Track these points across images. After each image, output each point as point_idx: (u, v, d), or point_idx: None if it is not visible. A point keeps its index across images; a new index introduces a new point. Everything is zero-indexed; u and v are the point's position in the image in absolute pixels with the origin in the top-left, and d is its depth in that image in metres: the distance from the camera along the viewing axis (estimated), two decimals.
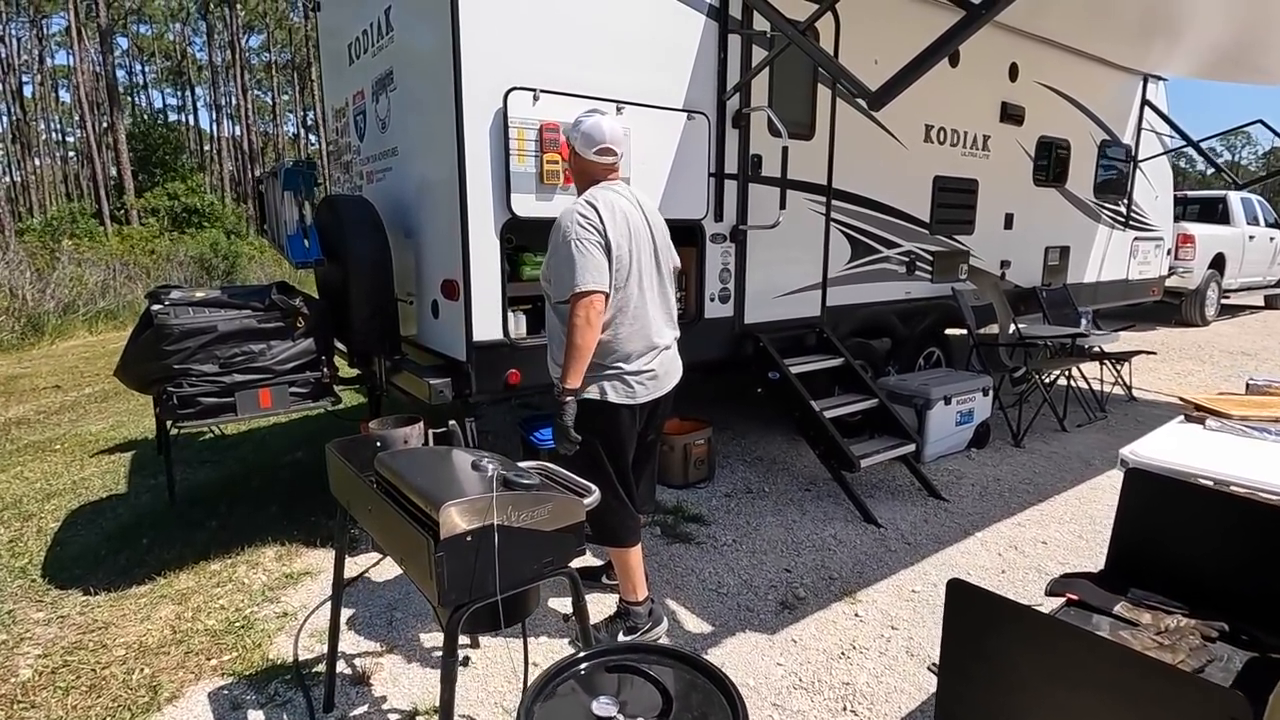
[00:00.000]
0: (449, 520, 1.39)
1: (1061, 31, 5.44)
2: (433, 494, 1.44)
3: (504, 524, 1.46)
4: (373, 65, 3.71)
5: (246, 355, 2.94)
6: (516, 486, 1.50)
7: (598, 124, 2.26)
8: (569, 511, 1.58)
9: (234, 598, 2.87)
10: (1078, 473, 4.15)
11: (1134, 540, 1.71)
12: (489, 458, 1.69)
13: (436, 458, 1.72)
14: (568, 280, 2.12)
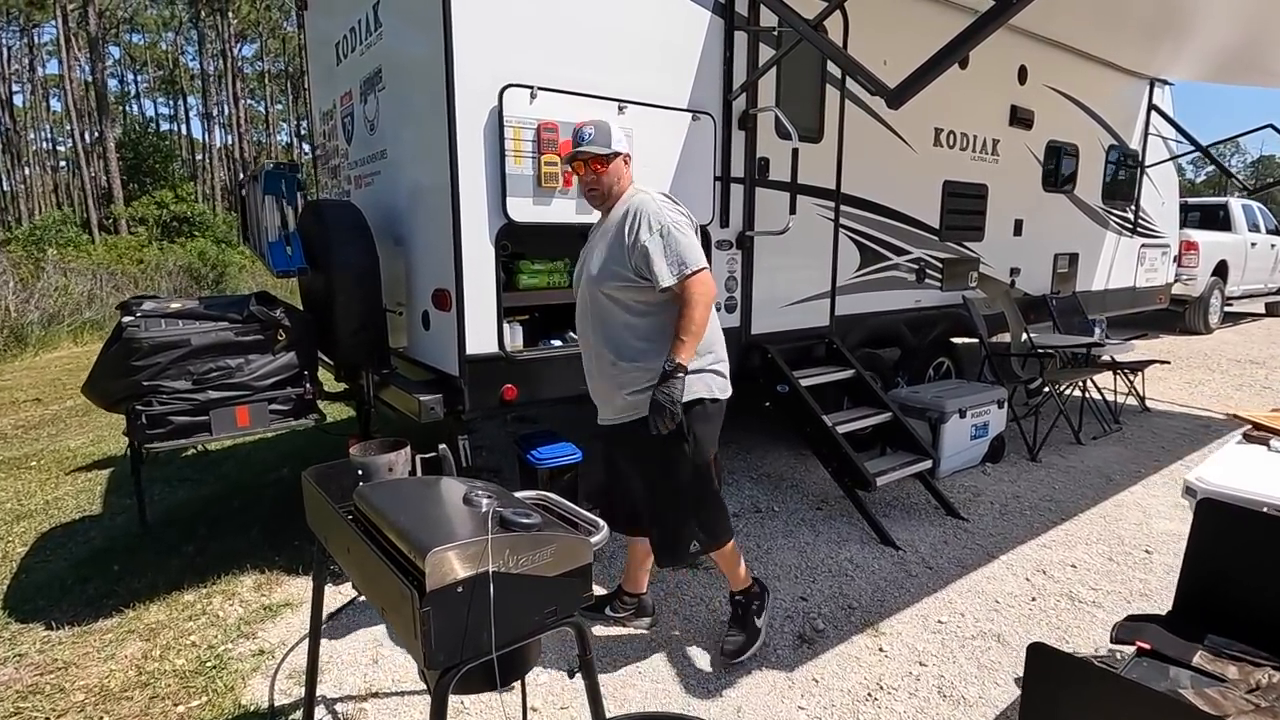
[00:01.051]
0: (437, 568, 1.19)
1: (1070, 34, 5.31)
2: (418, 536, 1.24)
3: (501, 570, 1.27)
4: (361, 64, 3.54)
5: (222, 371, 2.74)
6: (515, 526, 1.31)
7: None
8: (575, 553, 1.38)
9: (207, 633, 2.65)
10: (1099, 489, 3.98)
11: (1206, 578, 1.53)
12: (483, 489, 1.49)
13: (424, 490, 1.52)
14: (687, 259, 2.07)
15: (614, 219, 2.18)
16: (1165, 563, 3.09)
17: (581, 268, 2.28)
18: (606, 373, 2.22)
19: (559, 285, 3.17)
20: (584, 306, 2.26)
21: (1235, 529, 1.48)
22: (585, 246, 2.30)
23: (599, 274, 2.16)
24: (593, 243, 2.25)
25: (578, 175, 2.22)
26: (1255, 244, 10.39)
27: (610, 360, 2.19)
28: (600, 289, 2.17)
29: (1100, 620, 2.63)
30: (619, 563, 3.08)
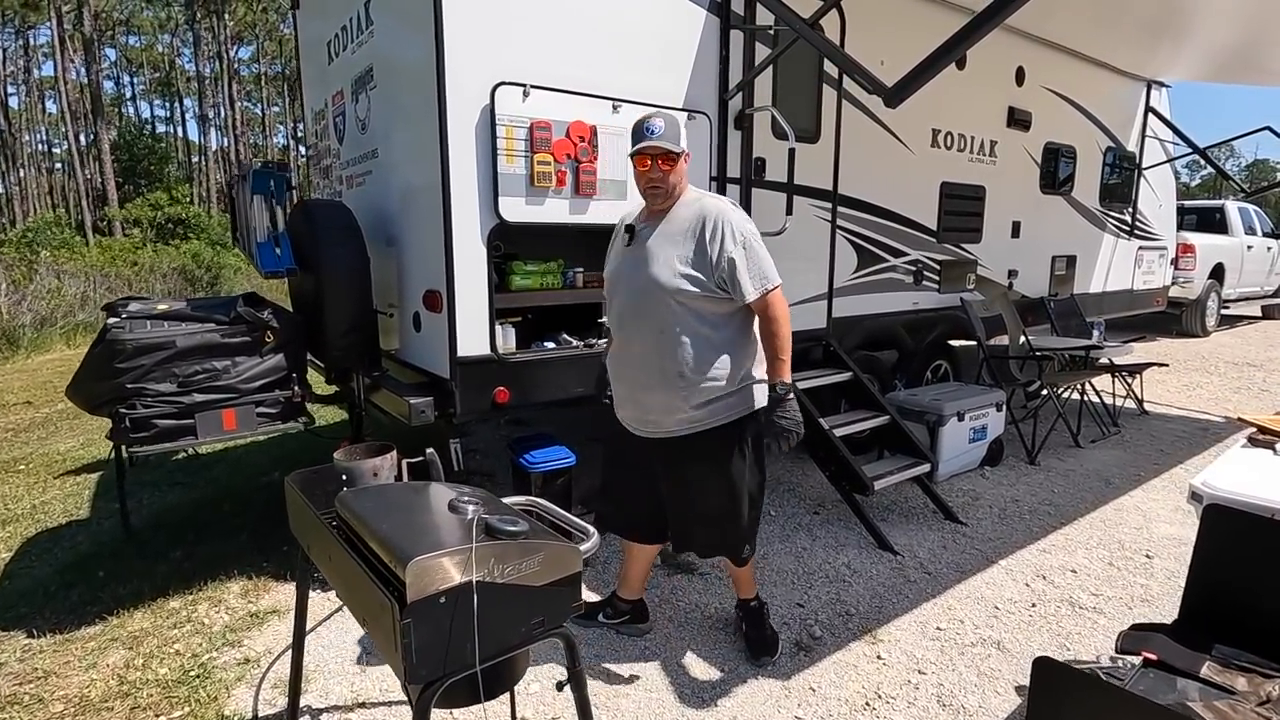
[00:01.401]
0: (419, 578, 1.15)
1: (1068, 35, 5.29)
2: (400, 545, 1.20)
3: (485, 580, 1.22)
4: (352, 63, 3.49)
5: (208, 373, 2.69)
6: (501, 534, 1.26)
7: None
8: (564, 561, 1.34)
9: (191, 641, 2.60)
10: (1098, 492, 3.94)
11: (1213, 586, 1.49)
12: (470, 496, 1.45)
13: (408, 497, 1.47)
14: (768, 273, 2.07)
15: (680, 222, 2.09)
16: (1166, 568, 3.05)
17: (626, 268, 2.15)
18: (671, 384, 2.09)
19: (552, 286, 3.13)
20: (636, 311, 2.11)
21: (1243, 536, 1.44)
22: (627, 246, 2.18)
23: (670, 280, 2.03)
24: (649, 244, 2.11)
25: (639, 170, 2.09)
26: (1251, 247, 10.40)
27: (679, 371, 2.07)
28: (673, 297, 2.04)
29: (1101, 627, 2.59)
30: (613, 568, 3.03)
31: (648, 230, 2.14)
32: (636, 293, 2.10)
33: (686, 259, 2.04)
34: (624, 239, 2.20)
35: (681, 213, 2.10)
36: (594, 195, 2.97)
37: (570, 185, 2.90)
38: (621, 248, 2.20)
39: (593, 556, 2.72)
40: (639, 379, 2.16)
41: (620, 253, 2.21)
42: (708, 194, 2.16)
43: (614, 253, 2.26)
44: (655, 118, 2.06)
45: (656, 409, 2.15)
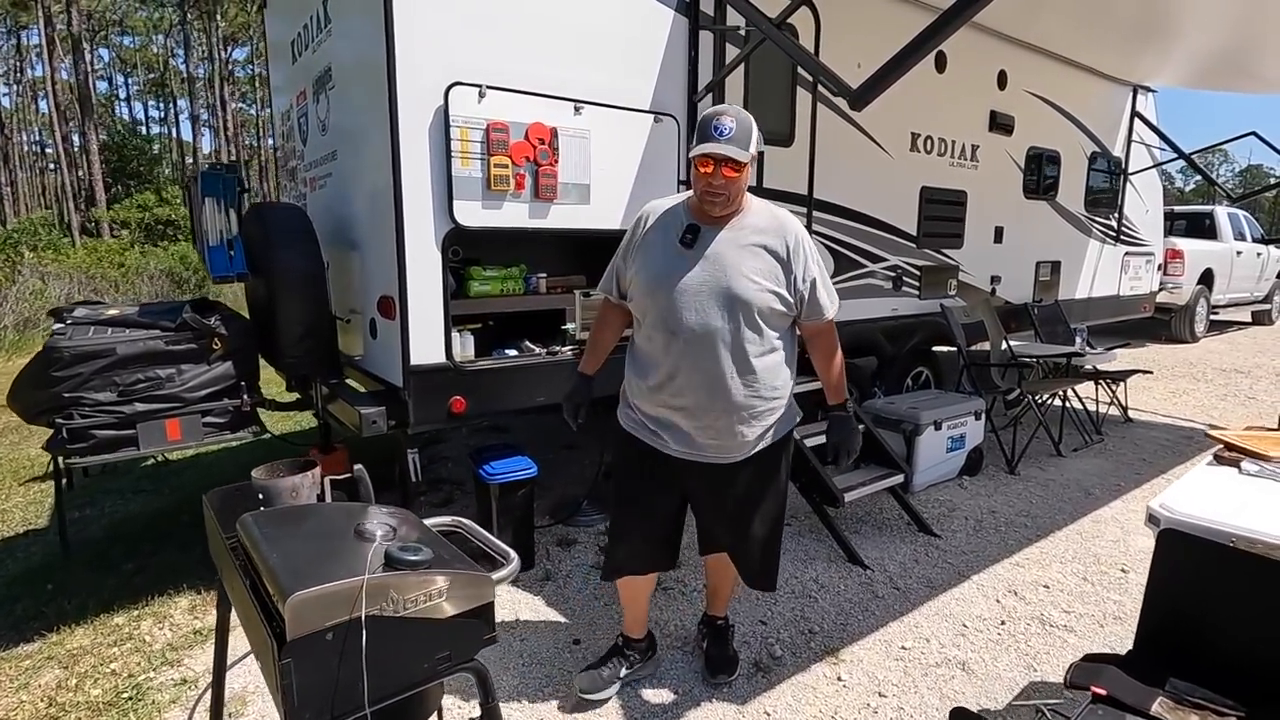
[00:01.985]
0: (300, 614, 1.06)
1: (1051, 39, 5.24)
2: (284, 577, 1.11)
3: (382, 614, 1.14)
4: (313, 63, 3.41)
5: (151, 381, 2.60)
6: (401, 564, 1.18)
7: None
8: (474, 591, 1.25)
9: (130, 660, 2.50)
10: (1077, 503, 3.87)
11: (1169, 616, 1.41)
12: (385, 518, 1.36)
13: (316, 520, 1.39)
14: (835, 295, 2.01)
15: (754, 232, 1.89)
16: (1141, 582, 2.94)
17: (688, 271, 1.87)
18: (736, 403, 1.89)
19: (514, 292, 3.05)
20: (700, 321, 1.85)
21: (1200, 563, 1.36)
22: (684, 245, 1.89)
23: (753, 293, 1.84)
24: (719, 250, 1.87)
25: (700, 172, 1.81)
26: (1241, 252, 10.36)
27: (748, 390, 1.89)
28: (753, 308, 1.84)
29: (1071, 646, 2.51)
30: (614, 610, 2.95)
31: (712, 233, 1.89)
32: (703, 300, 1.85)
33: (770, 273, 1.87)
34: (676, 236, 1.90)
35: (753, 221, 1.91)
36: (555, 199, 2.89)
37: (530, 189, 2.82)
38: (674, 246, 1.90)
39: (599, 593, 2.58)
40: (698, 398, 1.89)
41: (675, 251, 1.89)
42: (771, 204, 2.01)
43: (657, 249, 1.93)
44: (726, 116, 1.79)
45: (711, 428, 1.92)
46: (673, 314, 1.87)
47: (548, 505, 3.79)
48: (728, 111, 1.81)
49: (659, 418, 1.98)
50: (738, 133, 1.79)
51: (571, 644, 2.54)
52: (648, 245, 1.95)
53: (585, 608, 2.79)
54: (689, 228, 1.90)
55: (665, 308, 1.88)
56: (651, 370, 1.95)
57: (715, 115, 1.80)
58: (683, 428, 1.95)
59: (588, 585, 2.96)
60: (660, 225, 1.96)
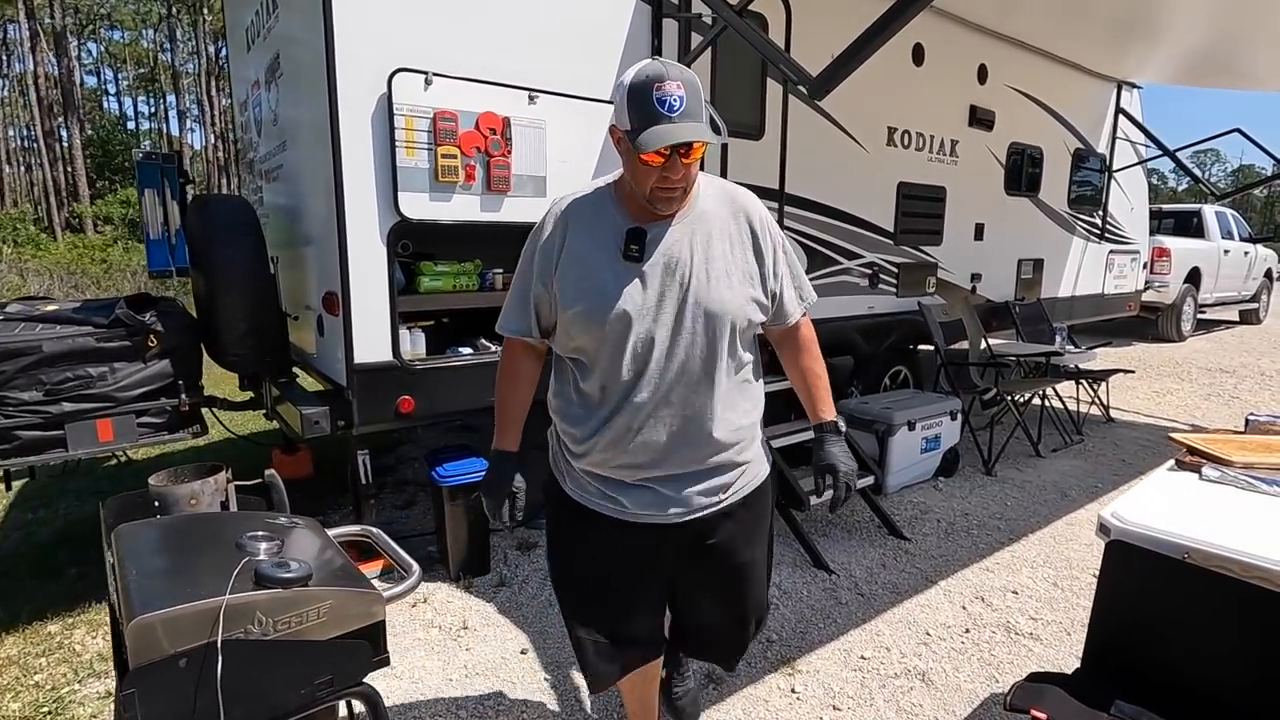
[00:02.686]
0: (144, 639, 0.96)
1: (1033, 33, 5.15)
2: (136, 597, 1.01)
3: (249, 637, 1.04)
4: (264, 50, 3.30)
5: (81, 380, 2.49)
6: (272, 581, 1.08)
7: None
8: (360, 610, 1.16)
9: (56, 671, 2.39)
10: (1053, 505, 3.79)
11: (1118, 633, 1.32)
12: (276, 529, 1.26)
13: (196, 532, 1.28)
14: (808, 285, 1.58)
15: (716, 220, 1.41)
16: None
17: (644, 291, 1.37)
18: (719, 443, 1.45)
19: (467, 289, 2.95)
20: (669, 352, 1.39)
21: (1150, 577, 1.28)
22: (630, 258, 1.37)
23: (738, 305, 1.40)
24: (680, 252, 1.38)
25: (645, 167, 1.28)
26: (1229, 251, 10.32)
27: (731, 426, 1.45)
28: (734, 322, 1.39)
29: (1036, 655, 2.43)
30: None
31: (660, 232, 1.37)
32: (672, 326, 1.37)
33: (743, 272, 1.42)
34: (617, 247, 1.37)
35: (710, 207, 1.42)
36: (508, 192, 2.79)
37: (481, 181, 2.72)
38: (616, 260, 1.37)
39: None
40: (669, 449, 1.43)
41: (618, 267, 1.37)
42: (713, 176, 1.52)
43: (592, 267, 1.38)
44: (669, 82, 1.23)
45: (676, 475, 1.46)
46: (633, 351, 1.37)
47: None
48: (667, 75, 1.24)
49: (613, 479, 1.48)
50: (690, 102, 1.24)
51: (519, 653, 2.44)
52: (577, 262, 1.39)
53: (538, 616, 2.69)
54: (631, 233, 1.36)
55: (617, 344, 1.37)
56: (602, 427, 1.43)
57: (655, 83, 1.23)
58: (649, 486, 1.47)
59: (543, 592, 2.86)
60: (588, 234, 1.40)
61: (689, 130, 1.24)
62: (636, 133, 1.25)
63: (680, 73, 1.27)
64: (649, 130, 1.24)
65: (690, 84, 1.27)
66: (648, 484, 1.47)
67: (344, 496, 3.89)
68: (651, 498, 1.47)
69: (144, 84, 38.91)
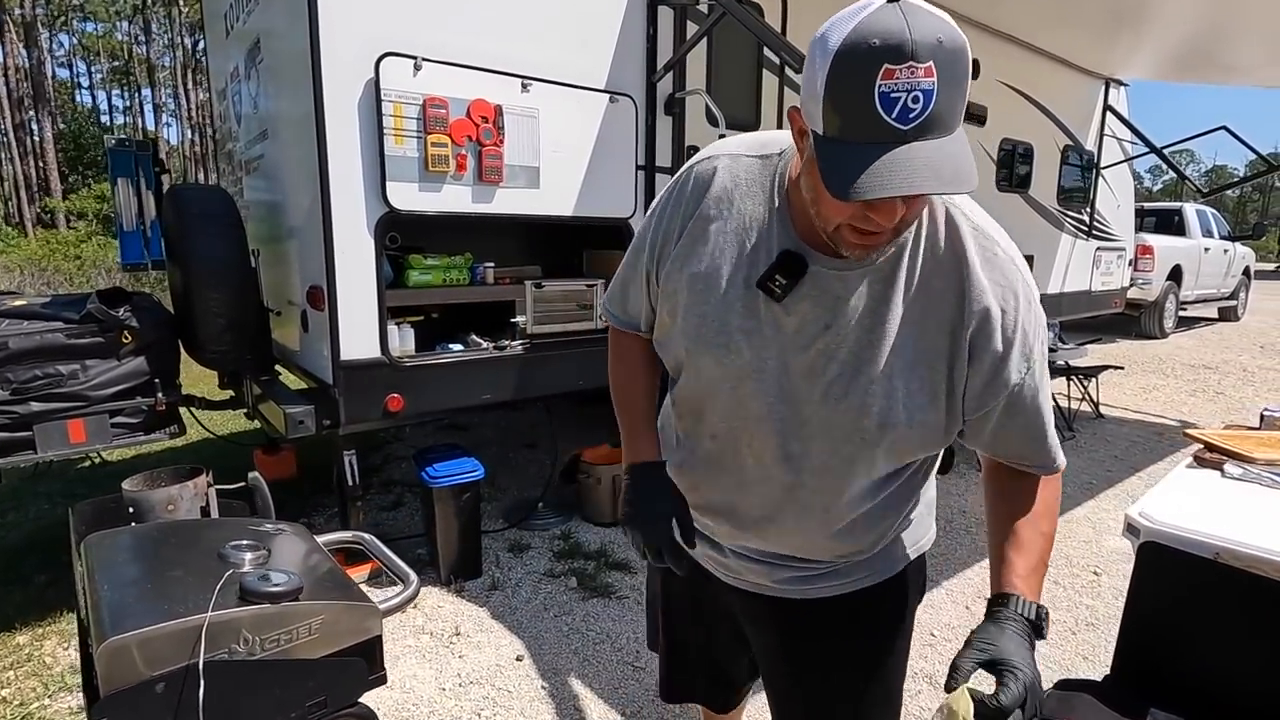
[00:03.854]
0: (116, 664, 0.87)
1: (1023, 27, 5.13)
2: (108, 616, 0.92)
3: (231, 658, 0.95)
4: (245, 35, 3.17)
5: (50, 379, 2.36)
6: (258, 596, 0.99)
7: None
8: (354, 625, 1.07)
9: (25, 685, 2.27)
10: None
11: (1150, 638, 1.27)
12: (259, 538, 1.17)
13: (175, 541, 1.19)
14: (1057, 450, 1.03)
15: (927, 288, 0.89)
16: (1114, 586, 2.87)
17: (774, 354, 0.93)
18: (816, 514, 1.00)
19: (458, 283, 2.86)
20: (767, 442, 0.97)
21: (1182, 580, 1.23)
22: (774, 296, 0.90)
23: (895, 416, 0.89)
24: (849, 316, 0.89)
25: (849, 211, 0.78)
26: (1209, 249, 10.45)
27: (834, 503, 0.99)
28: (898, 444, 0.93)
29: (1043, 656, 2.36)
30: (563, 623, 2.76)
31: (829, 279, 0.89)
32: (794, 413, 0.94)
33: (935, 377, 0.89)
34: (757, 268, 0.92)
35: (925, 255, 0.89)
36: (500, 183, 2.70)
37: (472, 171, 2.62)
38: (747, 287, 0.93)
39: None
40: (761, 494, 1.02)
41: (746, 299, 0.93)
42: (942, 201, 0.91)
43: (718, 280, 0.95)
44: (915, 65, 0.69)
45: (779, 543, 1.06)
46: (730, 410, 0.98)
47: (502, 508, 3.61)
48: (920, 50, 0.69)
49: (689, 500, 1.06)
50: (943, 96, 0.70)
51: (514, 660, 2.36)
52: (703, 261, 0.95)
53: (533, 620, 2.60)
54: (783, 258, 0.90)
55: (712, 391, 0.99)
56: (680, 439, 1.10)
57: (887, 60, 0.70)
58: (714, 536, 1.11)
59: (537, 595, 2.78)
60: (733, 228, 0.94)
61: (926, 172, 0.70)
62: (830, 146, 0.74)
63: (939, 39, 0.70)
64: (852, 150, 0.72)
65: (951, 59, 0.70)
66: (715, 536, 1.11)
67: (329, 497, 3.78)
68: (719, 553, 1.13)
69: (118, 77, 38.11)
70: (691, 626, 1.31)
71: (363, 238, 2.46)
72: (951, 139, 0.72)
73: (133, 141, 2.74)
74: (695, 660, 1.34)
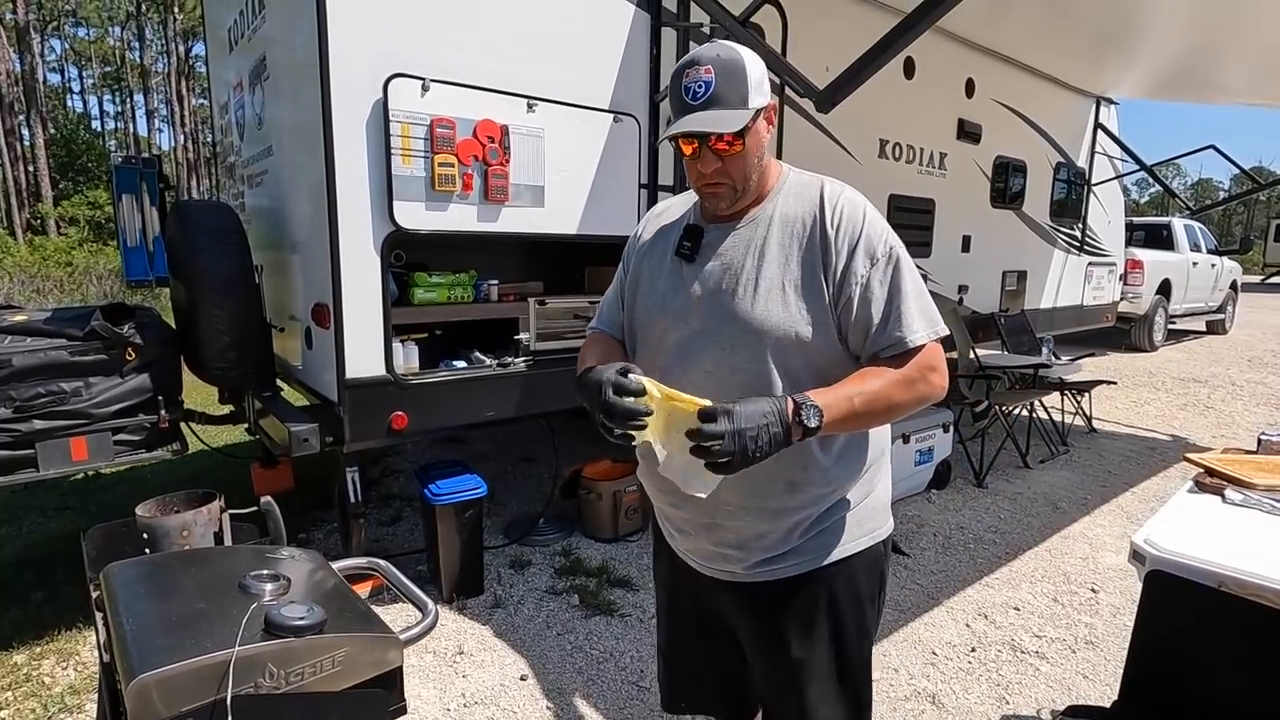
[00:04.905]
0: (145, 701, 0.87)
1: (1017, 47, 5.22)
2: (135, 651, 0.92)
3: (257, 692, 0.95)
4: (249, 52, 3.19)
5: (53, 396, 2.35)
6: (283, 629, 0.99)
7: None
8: (376, 657, 1.08)
9: (24, 705, 2.25)
10: (1045, 518, 3.80)
11: (1156, 664, 1.29)
12: (278, 567, 1.18)
13: (195, 571, 1.19)
14: (934, 311, 1.20)
15: (784, 221, 1.20)
16: (1111, 603, 2.89)
17: (683, 298, 1.24)
18: (759, 491, 1.20)
19: (463, 300, 2.87)
20: (695, 358, 1.22)
21: (1189, 607, 1.25)
22: (683, 259, 1.26)
23: (782, 317, 1.15)
24: (729, 256, 1.22)
25: (685, 157, 1.20)
26: (1196, 263, 10.59)
27: (784, 483, 1.19)
28: (785, 345, 1.15)
29: (1044, 675, 2.41)
30: (567, 641, 2.76)
31: (720, 235, 1.24)
32: (715, 339, 1.19)
33: (801, 280, 1.17)
34: (672, 245, 1.28)
35: (784, 207, 1.22)
36: (506, 201, 2.71)
37: (478, 190, 2.64)
38: (671, 261, 1.27)
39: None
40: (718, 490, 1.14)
41: (670, 268, 1.27)
42: (823, 178, 1.26)
43: (652, 268, 1.31)
44: (700, 67, 1.14)
45: (731, 529, 1.24)
46: (666, 358, 1.24)
47: (502, 523, 3.60)
48: (701, 59, 1.14)
49: (661, 508, 1.35)
50: (720, 85, 1.12)
51: (518, 680, 2.36)
52: (644, 262, 1.32)
53: (536, 638, 2.60)
54: (689, 230, 1.27)
55: (652, 347, 1.27)
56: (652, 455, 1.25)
57: (686, 68, 1.15)
58: (685, 526, 1.30)
59: (540, 612, 2.78)
60: (660, 233, 1.33)
61: (707, 118, 1.12)
62: (672, 115, 1.19)
63: (718, 53, 1.15)
64: (676, 120, 1.16)
65: (725, 65, 1.14)
66: (678, 522, 1.30)
67: (328, 512, 3.77)
68: (688, 539, 1.31)
69: (110, 82, 37.96)
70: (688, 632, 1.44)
71: (369, 257, 2.47)
72: (721, 107, 1.13)
73: (138, 158, 2.74)
74: (695, 665, 1.44)
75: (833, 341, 1.18)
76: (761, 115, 1.18)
